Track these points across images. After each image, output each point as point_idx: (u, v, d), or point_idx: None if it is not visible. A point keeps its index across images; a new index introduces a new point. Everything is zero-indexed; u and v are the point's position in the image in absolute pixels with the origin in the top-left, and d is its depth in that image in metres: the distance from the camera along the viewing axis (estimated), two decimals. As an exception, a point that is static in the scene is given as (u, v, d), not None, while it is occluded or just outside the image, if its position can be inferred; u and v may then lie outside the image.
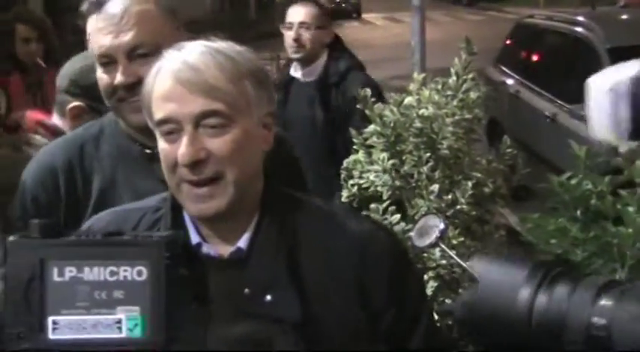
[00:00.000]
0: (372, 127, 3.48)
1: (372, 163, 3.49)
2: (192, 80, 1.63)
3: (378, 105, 3.48)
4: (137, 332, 1.35)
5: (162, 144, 1.68)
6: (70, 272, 1.35)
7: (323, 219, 1.78)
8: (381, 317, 1.73)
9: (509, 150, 3.63)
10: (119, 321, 1.35)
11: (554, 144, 6.85)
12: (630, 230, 1.78)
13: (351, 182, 3.59)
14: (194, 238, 1.72)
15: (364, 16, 35.61)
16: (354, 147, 3.60)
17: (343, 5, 34.98)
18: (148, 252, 1.35)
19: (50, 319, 1.35)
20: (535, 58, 8.73)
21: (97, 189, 2.27)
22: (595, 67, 6.88)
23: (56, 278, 1.34)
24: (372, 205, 3.44)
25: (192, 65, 1.64)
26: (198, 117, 1.62)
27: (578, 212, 1.85)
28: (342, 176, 3.66)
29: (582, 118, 6.65)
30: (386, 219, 3.39)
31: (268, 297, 1.64)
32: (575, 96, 7.00)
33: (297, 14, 4.57)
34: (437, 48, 11.21)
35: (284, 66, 4.89)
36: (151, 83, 1.69)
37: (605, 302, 1.30)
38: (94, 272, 1.34)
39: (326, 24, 4.61)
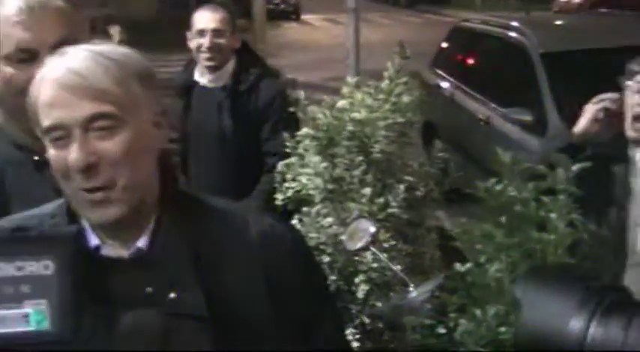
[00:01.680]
0: (304, 130, 3.49)
1: (304, 166, 3.49)
2: (77, 85, 1.60)
3: (311, 108, 3.48)
4: (45, 325, 1.36)
5: (52, 151, 1.64)
6: None
7: (224, 217, 1.79)
8: (287, 310, 1.74)
9: (441, 153, 3.67)
10: (26, 315, 1.36)
11: (488, 147, 6.92)
12: (553, 236, 1.80)
13: (285, 185, 3.59)
14: (92, 241, 1.70)
15: (303, 17, 35.58)
16: (287, 150, 3.59)
17: (282, 6, 34.92)
18: (53, 247, 1.36)
19: None
20: (470, 61, 8.82)
21: None
22: (528, 71, 6.98)
23: None
24: (305, 208, 3.45)
25: (76, 70, 1.62)
26: (86, 121, 1.60)
27: (503, 218, 1.86)
28: (277, 179, 3.66)
29: (515, 122, 6.74)
30: (318, 222, 3.39)
31: (172, 295, 1.64)
32: (509, 100, 7.11)
33: (209, 21, 4.39)
34: (374, 50, 11.26)
35: (184, 69, 4.69)
36: (36, 91, 1.66)
37: None
38: (1, 268, 1.35)
39: (235, 29, 4.48)
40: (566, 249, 1.80)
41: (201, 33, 4.36)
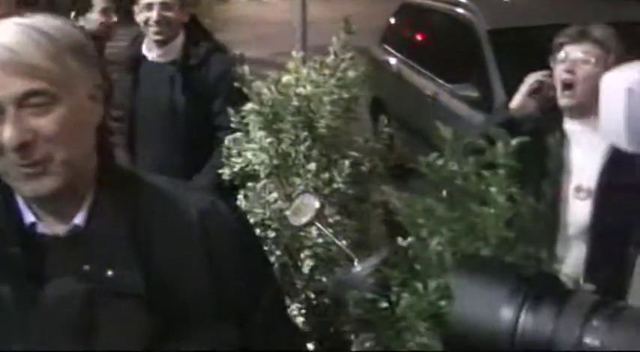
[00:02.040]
0: (249, 106, 3.47)
1: (250, 142, 3.48)
2: (8, 62, 1.55)
3: (256, 84, 3.46)
4: None
5: None
6: None
7: (163, 195, 1.76)
8: (227, 285, 1.73)
9: (386, 129, 3.67)
10: None
11: (435, 123, 6.95)
12: (493, 210, 1.81)
13: (232, 160, 3.57)
14: (28, 218, 1.66)
15: (252, -8, 35.40)
16: (232, 125, 3.57)
17: (231, -19, 34.69)
18: None
19: None
20: (418, 37, 8.84)
21: None
22: (475, 48, 7.01)
23: None
24: (250, 183, 3.44)
25: (6, 46, 1.56)
26: (19, 98, 1.56)
27: (444, 192, 1.87)
28: (224, 154, 3.64)
29: (462, 98, 6.77)
30: (263, 197, 3.39)
31: (109, 272, 1.62)
32: (456, 76, 7.14)
33: None
34: (323, 26, 11.22)
35: (130, 44, 4.56)
36: None
37: (596, 323, 1.27)
38: None
39: (184, 2, 4.37)
40: (505, 223, 1.81)
41: (149, 6, 4.26)
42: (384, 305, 2.07)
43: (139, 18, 4.36)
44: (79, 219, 1.67)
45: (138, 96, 4.44)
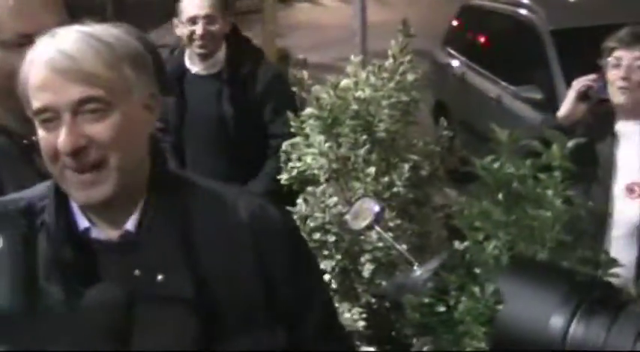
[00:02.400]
0: (309, 110, 3.48)
1: (309, 146, 3.48)
2: (67, 68, 1.59)
3: (315, 88, 3.47)
4: None
5: (41, 133, 1.64)
6: None
7: (214, 199, 1.77)
8: (277, 289, 1.74)
9: (446, 132, 3.65)
10: None
11: (499, 125, 6.88)
12: (549, 213, 1.79)
13: (290, 164, 3.58)
14: (82, 223, 1.70)
15: (317, -3, 35.50)
16: (292, 130, 3.58)
17: (295, -13, 34.86)
18: (2, 223, 1.37)
19: None
20: (480, 39, 8.76)
21: None
22: (538, 49, 6.93)
23: None
24: (309, 188, 3.44)
25: (66, 53, 1.60)
26: (76, 104, 1.60)
27: (500, 195, 1.85)
28: (282, 159, 3.65)
29: (525, 100, 6.70)
30: (323, 202, 3.39)
31: (159, 277, 1.63)
32: (519, 78, 7.06)
33: (201, 7, 4.19)
34: (385, 30, 11.20)
35: (169, 56, 4.48)
36: (26, 72, 1.65)
37: None
38: None
39: (226, 13, 4.30)
40: (562, 226, 1.79)
41: (193, 20, 4.20)
42: (442, 309, 2.06)
43: (181, 32, 4.31)
44: (130, 225, 1.69)
45: (183, 110, 4.40)
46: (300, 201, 3.50)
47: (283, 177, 3.61)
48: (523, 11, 7.58)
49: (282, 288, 1.75)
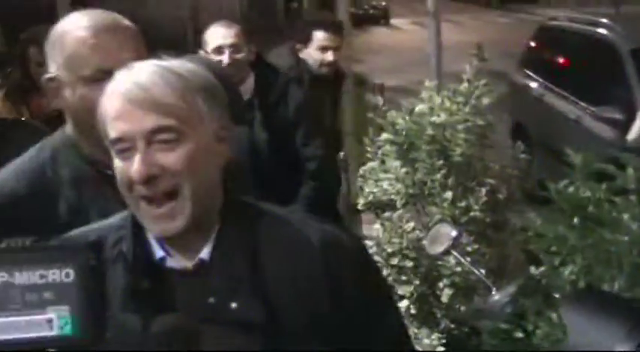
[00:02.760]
0: (385, 136, 3.49)
1: (385, 171, 3.50)
2: (141, 99, 1.64)
3: (391, 113, 3.49)
4: (67, 330, 1.41)
5: (117, 163, 1.68)
6: (1, 277, 1.41)
7: (284, 226, 1.78)
8: (348, 317, 1.74)
9: (523, 155, 3.63)
10: (50, 320, 1.41)
11: (578, 146, 6.79)
12: (626, 237, 1.76)
13: (366, 190, 3.60)
14: (158, 253, 1.72)
15: (392, 21, 35.53)
16: (368, 155, 3.61)
17: (371, 11, 34.99)
18: (74, 256, 1.42)
19: None
20: (558, 60, 8.68)
21: (63, 215, 2.21)
22: (618, 68, 6.84)
23: None
24: (386, 213, 3.45)
25: (141, 84, 1.65)
26: (149, 133, 1.63)
27: (576, 219, 1.83)
28: (359, 184, 3.68)
29: (605, 120, 6.61)
30: (400, 227, 3.39)
31: (233, 305, 1.65)
32: (599, 98, 6.97)
33: (226, 36, 4.24)
34: (462, 52, 11.17)
35: None
36: (104, 104, 1.70)
37: None
38: (24, 277, 1.41)
39: (249, 41, 4.35)
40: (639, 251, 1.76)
41: (219, 50, 4.22)
42: (520, 335, 2.04)
43: None
44: (204, 254, 1.71)
45: None
46: (377, 226, 3.51)
47: (360, 202, 3.63)
48: (602, 31, 7.49)
49: (352, 316, 1.75)
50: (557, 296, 1.93)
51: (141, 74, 1.67)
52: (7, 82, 5.22)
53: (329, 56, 4.71)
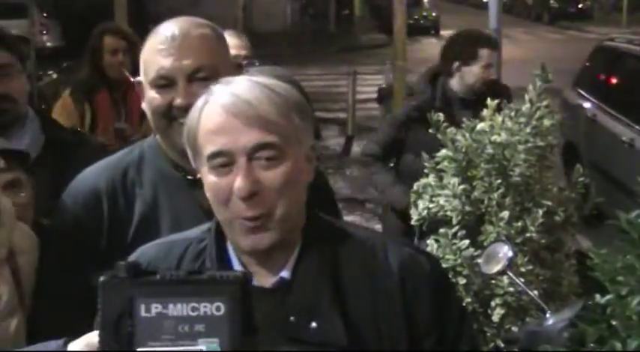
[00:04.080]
0: (443, 152, 3.49)
1: (442, 188, 3.50)
2: (246, 113, 1.64)
3: (451, 130, 3.49)
4: None
5: (212, 178, 1.68)
6: (155, 308, 1.46)
7: (364, 246, 1.79)
8: (423, 340, 1.75)
9: (581, 178, 3.61)
10: None
11: (631, 169, 6.74)
12: (697, 270, 1.76)
13: (420, 205, 3.60)
14: (238, 269, 1.74)
15: (442, 32, 35.39)
16: (425, 171, 3.61)
17: (422, 22, 34.90)
18: (225, 290, 1.46)
19: (138, 351, 1.46)
20: (614, 81, 8.62)
21: (138, 213, 2.27)
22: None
23: (143, 313, 1.46)
24: (442, 230, 3.45)
25: (244, 98, 1.65)
26: (252, 149, 1.64)
27: (646, 250, 1.83)
28: (412, 199, 3.68)
29: (660, 145, 6.56)
30: (455, 244, 3.39)
31: (314, 324, 1.66)
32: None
33: (239, 48, 4.30)
34: (515, 66, 11.13)
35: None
36: (197, 117, 1.70)
37: None
38: (178, 308, 1.45)
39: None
40: None
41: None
42: (580, 361, 2.04)
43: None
44: (285, 273, 1.73)
45: None
46: (430, 241, 3.51)
47: (413, 217, 3.63)
48: (660, 53, 7.44)
49: (427, 339, 1.76)
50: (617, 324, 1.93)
51: (241, 88, 1.67)
52: (74, 79, 5.30)
53: (492, 74, 4.79)
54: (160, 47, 2.21)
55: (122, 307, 1.46)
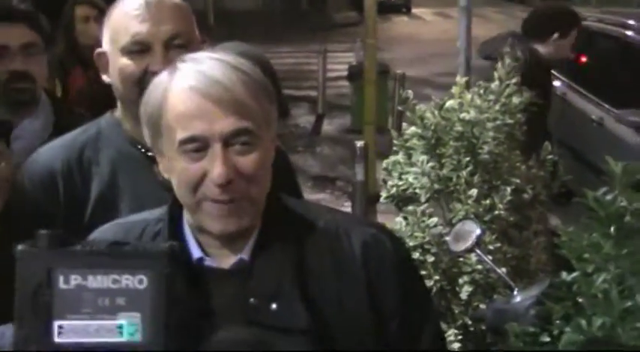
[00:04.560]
0: (412, 129, 3.48)
1: (411, 165, 3.49)
2: (221, 97, 1.58)
3: (420, 108, 3.48)
4: (137, 337, 1.42)
5: (182, 163, 1.62)
6: (75, 280, 1.42)
7: (326, 228, 1.76)
8: (388, 321, 1.73)
9: (549, 156, 3.61)
10: (120, 326, 1.42)
11: (600, 148, 6.77)
12: (663, 248, 1.76)
13: (390, 183, 3.59)
14: (195, 252, 1.70)
15: (414, 10, 35.36)
16: (394, 148, 3.59)
17: (393, 0, 34.83)
18: (148, 262, 1.42)
19: (56, 323, 1.42)
20: (584, 60, 8.63)
21: (95, 193, 2.23)
22: (644, 72, 6.80)
23: (62, 285, 1.42)
24: (410, 207, 3.44)
25: (217, 80, 1.59)
26: (229, 135, 1.59)
27: (612, 228, 1.82)
28: (382, 177, 3.67)
29: (629, 124, 6.58)
30: (423, 221, 3.39)
31: (274, 306, 1.62)
32: (624, 100, 6.93)
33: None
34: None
35: None
36: (161, 96, 1.63)
37: None
38: (98, 281, 1.42)
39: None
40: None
41: None
42: (546, 339, 2.04)
43: None
44: (245, 254, 1.69)
45: None
46: (399, 219, 3.50)
47: (383, 195, 3.62)
48: (630, 33, 7.44)
49: (392, 320, 1.74)
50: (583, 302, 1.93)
51: (210, 68, 1.60)
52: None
53: None
54: (135, 13, 2.17)
55: (40, 278, 1.41)
